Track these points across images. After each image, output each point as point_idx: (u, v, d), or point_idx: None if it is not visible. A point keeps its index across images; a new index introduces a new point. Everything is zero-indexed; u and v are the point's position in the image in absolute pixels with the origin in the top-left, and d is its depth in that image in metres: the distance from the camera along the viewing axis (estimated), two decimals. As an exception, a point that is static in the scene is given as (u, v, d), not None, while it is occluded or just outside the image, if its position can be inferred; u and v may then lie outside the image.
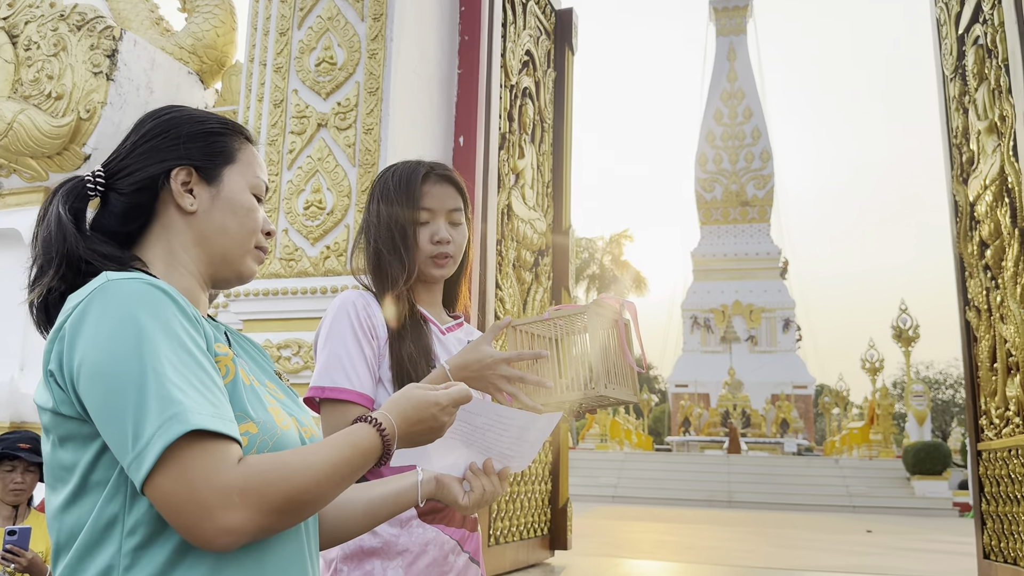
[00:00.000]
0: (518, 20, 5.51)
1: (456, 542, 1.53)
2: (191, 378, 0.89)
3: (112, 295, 0.92)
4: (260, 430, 0.98)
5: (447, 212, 1.62)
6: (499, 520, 4.84)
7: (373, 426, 1.01)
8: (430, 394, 1.07)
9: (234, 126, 1.16)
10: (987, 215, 4.69)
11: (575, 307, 1.51)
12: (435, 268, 1.61)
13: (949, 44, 5.29)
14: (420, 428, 1.06)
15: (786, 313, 41.20)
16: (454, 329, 1.68)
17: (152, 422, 0.85)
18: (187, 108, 1.15)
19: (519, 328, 1.54)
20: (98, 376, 0.88)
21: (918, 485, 17.69)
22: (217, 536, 0.86)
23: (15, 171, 5.10)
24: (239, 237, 1.11)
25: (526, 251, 5.45)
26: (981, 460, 4.94)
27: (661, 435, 41.81)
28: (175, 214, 1.09)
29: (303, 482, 0.91)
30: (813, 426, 39.77)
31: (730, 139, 44.76)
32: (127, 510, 0.91)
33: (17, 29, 5.20)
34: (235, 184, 1.12)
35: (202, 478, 0.85)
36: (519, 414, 1.20)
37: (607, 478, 19.68)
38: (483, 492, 1.22)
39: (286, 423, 1.03)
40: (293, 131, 4.19)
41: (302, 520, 0.95)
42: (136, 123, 1.13)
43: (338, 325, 1.53)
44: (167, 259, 1.09)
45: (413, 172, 1.63)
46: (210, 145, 1.11)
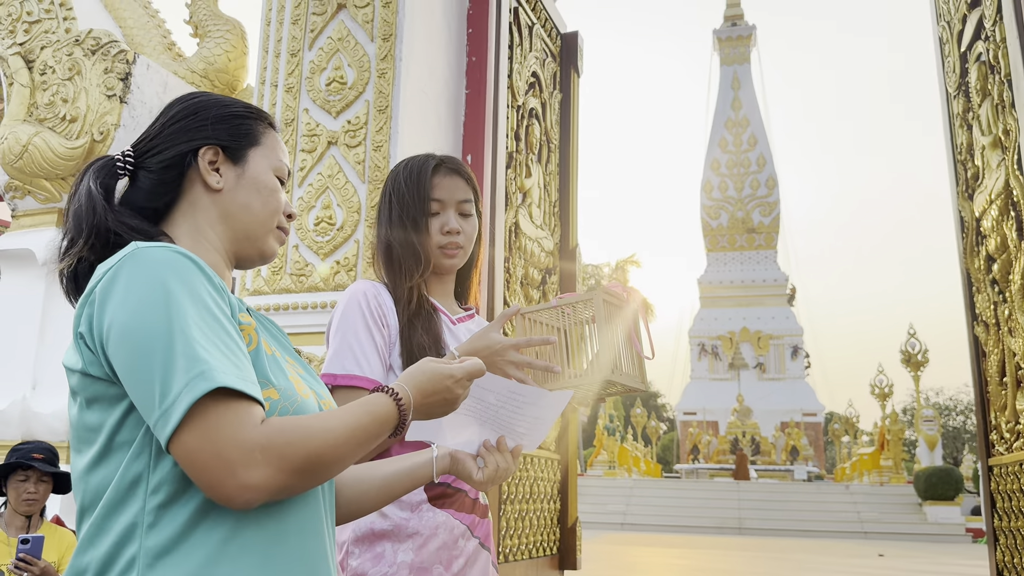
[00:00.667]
0: (524, 42, 5.59)
1: (466, 527, 1.55)
2: (216, 341, 0.93)
3: (141, 261, 0.95)
4: (281, 396, 1.01)
5: (457, 203, 1.66)
6: (508, 538, 4.83)
7: (390, 396, 1.04)
8: (445, 367, 1.10)
9: (258, 112, 1.21)
10: (993, 229, 4.71)
11: (582, 294, 1.54)
12: (445, 258, 1.65)
13: (952, 62, 5.34)
14: (435, 400, 1.09)
15: (794, 340, 41.10)
16: (465, 320, 1.71)
17: (179, 380, 0.88)
18: (213, 94, 1.20)
19: (527, 316, 1.57)
20: (127, 336, 0.91)
21: (930, 511, 17.53)
22: (239, 492, 0.88)
23: (30, 192, 5.17)
24: (262, 216, 1.16)
25: (533, 269, 5.49)
26: (992, 476, 4.92)
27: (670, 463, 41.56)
28: (201, 191, 1.13)
29: (322, 444, 0.94)
30: (823, 454, 39.50)
31: (735, 167, 44.96)
32: (151, 469, 0.93)
33: (33, 54, 5.30)
34: (259, 165, 1.16)
35: (227, 435, 0.88)
36: (530, 390, 1.23)
37: (616, 505, 19.55)
38: (496, 468, 1.25)
39: (306, 392, 1.06)
40: (304, 149, 4.25)
41: (320, 482, 0.97)
42: (165, 107, 1.18)
43: (349, 313, 1.56)
44: (193, 235, 1.13)
45: (423, 165, 1.67)
46: (236, 127, 1.16)
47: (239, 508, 0.91)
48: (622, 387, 1.52)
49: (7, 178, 5.16)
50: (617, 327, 1.55)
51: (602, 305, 1.50)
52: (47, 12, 5.39)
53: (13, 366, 4.86)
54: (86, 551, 0.95)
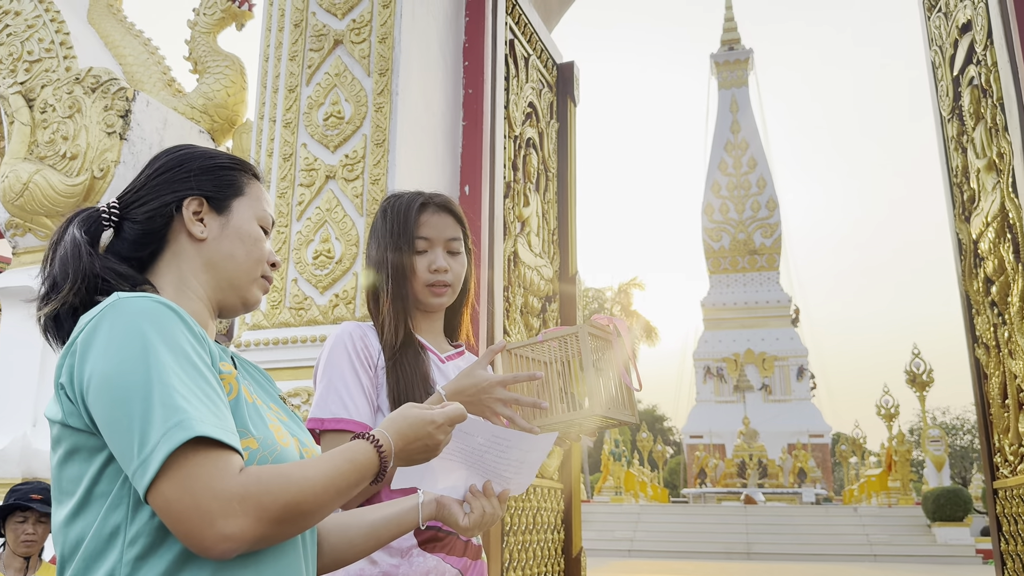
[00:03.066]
0: (520, 74, 5.64)
1: (458, 571, 1.54)
2: (196, 389, 0.93)
3: (122, 311, 0.96)
4: (261, 446, 1.01)
5: (445, 241, 1.66)
6: (512, 571, 4.79)
7: (370, 443, 1.04)
8: (426, 413, 1.10)
9: (243, 163, 1.23)
10: (991, 252, 4.72)
11: (568, 329, 1.54)
12: (433, 297, 1.65)
13: (945, 86, 5.38)
14: (416, 446, 1.09)
15: (799, 361, 40.97)
16: (454, 358, 1.71)
17: (157, 429, 0.88)
18: (199, 146, 1.22)
19: (513, 351, 1.57)
20: (106, 386, 0.92)
21: (939, 532, 17.38)
22: (217, 542, 0.89)
23: (30, 230, 5.20)
24: (246, 265, 1.17)
25: (533, 297, 5.50)
26: (998, 499, 4.88)
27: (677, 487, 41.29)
28: (186, 241, 1.15)
29: (301, 492, 0.94)
30: (831, 475, 39.24)
31: (736, 189, 45.08)
32: (129, 521, 0.94)
33: (34, 93, 5.35)
34: (243, 215, 1.18)
35: (204, 485, 0.88)
36: (515, 434, 1.23)
37: (623, 531, 19.41)
38: (483, 513, 1.24)
39: (286, 440, 1.07)
40: (302, 183, 4.28)
41: (300, 531, 0.97)
42: (151, 159, 1.20)
43: (335, 356, 1.56)
44: (177, 284, 1.14)
45: (411, 202, 1.68)
46: (220, 178, 1.18)
47: (217, 558, 0.91)
48: (611, 420, 1.52)
49: (8, 216, 5.19)
50: (604, 360, 1.55)
51: (588, 339, 1.50)
52: (47, 51, 5.45)
53: (14, 404, 4.86)
54: None
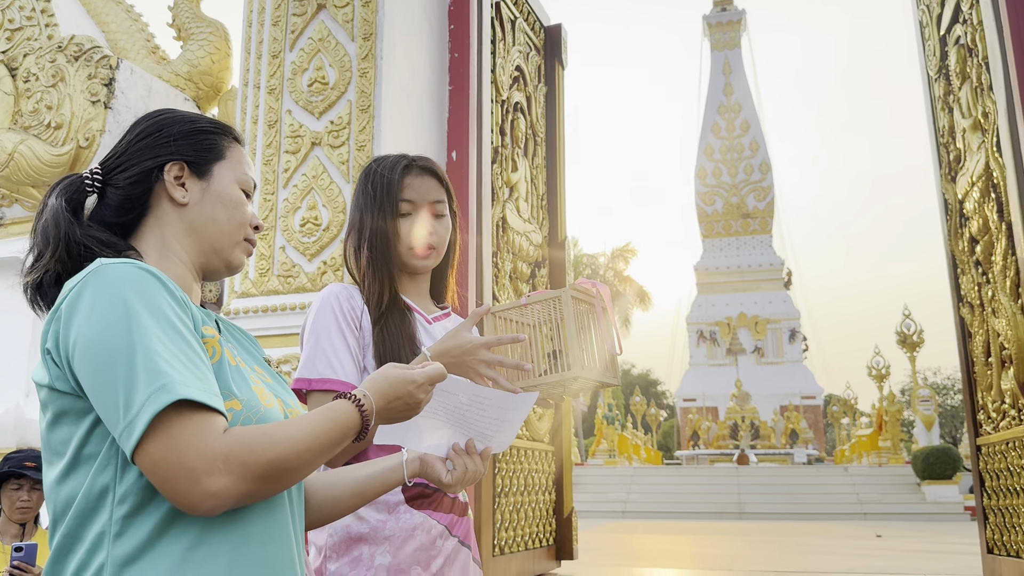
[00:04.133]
0: (507, 37, 5.60)
1: (444, 527, 1.57)
2: (179, 353, 0.96)
3: (105, 278, 0.98)
4: (244, 407, 1.04)
5: (429, 204, 1.67)
6: (503, 531, 4.87)
7: (352, 402, 1.07)
8: (406, 372, 1.13)
9: (223, 127, 1.23)
10: (975, 211, 4.74)
11: (551, 292, 1.56)
12: (418, 259, 1.66)
13: (932, 45, 5.37)
14: (397, 404, 1.12)
15: (791, 323, 41.17)
16: (441, 319, 1.72)
17: (142, 392, 0.91)
18: (179, 110, 1.22)
19: (498, 314, 1.59)
20: (91, 352, 0.94)
21: (928, 490, 17.62)
22: (203, 500, 0.91)
23: (17, 200, 5.18)
24: (228, 228, 1.18)
25: (522, 263, 5.51)
26: (981, 455, 4.96)
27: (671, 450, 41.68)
28: (168, 206, 1.16)
29: (284, 451, 0.97)
30: (823, 436, 39.62)
31: (728, 152, 44.94)
32: (117, 481, 0.96)
33: (16, 62, 5.30)
34: (224, 179, 1.19)
35: (189, 445, 0.91)
36: (495, 393, 1.26)
37: (616, 493, 19.63)
38: (465, 471, 1.27)
39: (270, 401, 1.09)
40: (288, 150, 4.27)
41: (284, 488, 1.00)
42: (132, 124, 1.21)
43: (322, 317, 1.58)
44: (160, 248, 1.15)
45: (395, 164, 1.68)
46: (201, 142, 1.19)
47: (204, 515, 0.94)
48: (593, 382, 1.54)
49: (-6, 187, 5.17)
50: (587, 323, 1.57)
51: (571, 302, 1.52)
52: (28, 19, 5.39)
53: (6, 374, 4.88)
54: (58, 561, 0.98)
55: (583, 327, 1.56)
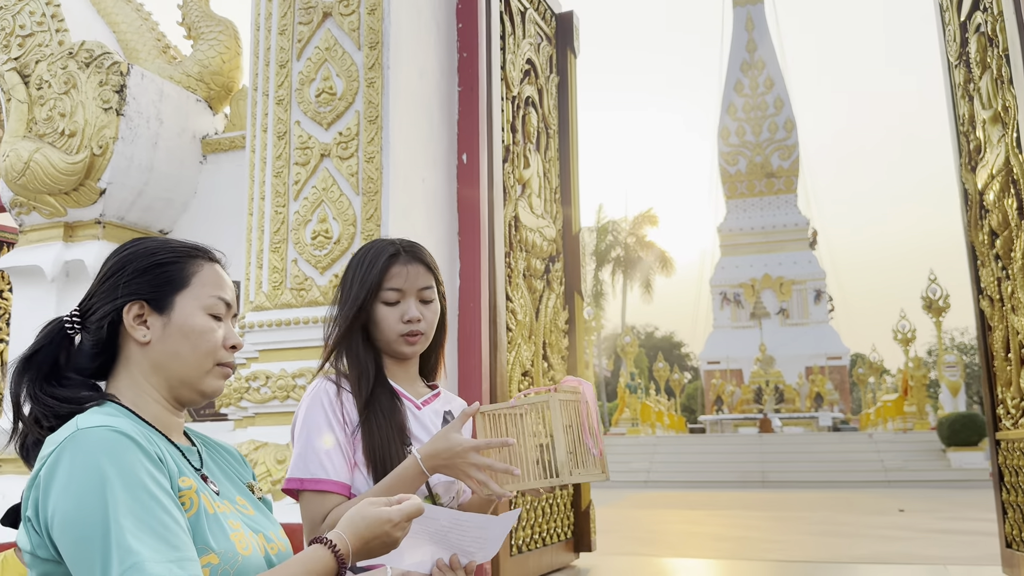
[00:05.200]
0: (517, 30, 5.54)
1: None
2: (152, 523, 0.98)
3: (80, 445, 1.01)
4: (221, 560, 1.06)
5: (417, 291, 1.68)
6: (521, 529, 4.92)
7: (327, 547, 1.09)
8: (383, 511, 1.14)
9: (191, 250, 1.23)
10: (995, 205, 4.66)
11: (540, 397, 1.57)
12: (406, 346, 1.67)
13: (952, 31, 5.24)
14: (375, 544, 1.14)
15: (817, 284, 40.83)
16: (430, 401, 1.74)
17: (115, 571, 0.93)
18: (146, 241, 1.22)
19: (487, 414, 1.60)
20: (68, 526, 0.97)
21: (954, 457, 17.55)
22: None
23: (35, 208, 5.23)
24: (193, 359, 1.19)
25: (536, 259, 5.50)
26: (1000, 450, 4.93)
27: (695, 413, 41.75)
28: (133, 346, 1.18)
29: None
30: (849, 397, 39.49)
31: (752, 110, 44.27)
32: None
33: (28, 69, 5.32)
34: (186, 309, 1.19)
35: None
36: (475, 517, 1.27)
37: (639, 463, 19.75)
38: None
39: (247, 547, 1.11)
40: (297, 162, 4.27)
41: None
42: (105, 260, 1.21)
43: (312, 414, 1.60)
44: (133, 389, 1.17)
45: (377, 257, 1.69)
46: (158, 276, 1.19)
47: None
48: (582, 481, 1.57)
49: (12, 195, 5.23)
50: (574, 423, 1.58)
51: (559, 406, 1.53)
52: (39, 25, 5.40)
53: (30, 383, 4.96)
54: None
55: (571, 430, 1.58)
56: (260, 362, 4.14)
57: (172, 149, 5.29)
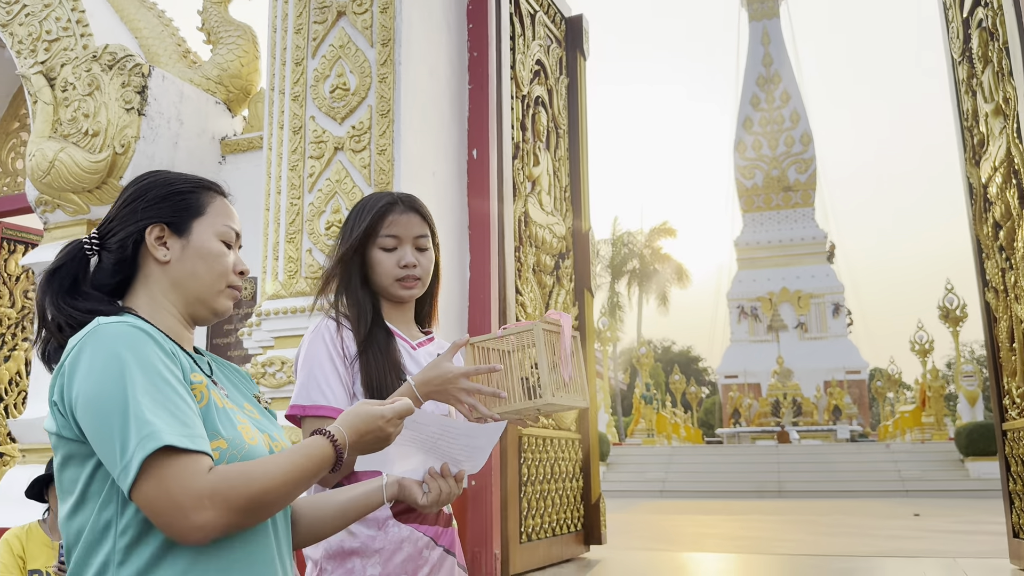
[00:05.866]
0: (527, 32, 5.67)
1: (430, 538, 1.70)
2: (166, 403, 1.09)
3: (102, 337, 1.12)
4: (229, 446, 1.17)
5: (413, 238, 1.80)
6: (530, 518, 5.00)
7: (326, 437, 1.20)
8: (376, 409, 1.25)
9: (204, 183, 1.36)
10: (998, 196, 4.73)
11: (525, 324, 1.67)
12: (403, 290, 1.79)
13: (955, 28, 5.32)
14: (369, 438, 1.24)
15: (835, 298, 40.66)
16: (425, 344, 1.85)
17: (133, 440, 1.04)
18: (163, 173, 1.35)
19: (476, 345, 1.70)
20: (91, 404, 1.08)
21: (972, 466, 17.42)
22: (191, 532, 1.05)
23: (59, 206, 5.40)
24: (209, 280, 1.31)
25: (546, 255, 5.60)
26: (1007, 440, 4.97)
27: (712, 427, 41.57)
28: (153, 265, 1.29)
29: (263, 486, 1.10)
30: (868, 411, 39.20)
31: (768, 124, 44.28)
32: (119, 515, 1.11)
33: (54, 72, 5.50)
34: (203, 234, 1.31)
35: (176, 485, 1.04)
36: (463, 424, 1.37)
37: (654, 473, 19.71)
38: (440, 492, 1.40)
39: (254, 438, 1.22)
40: (312, 156, 4.40)
41: (265, 519, 1.13)
42: (122, 189, 1.33)
43: (314, 348, 1.72)
44: (151, 304, 1.29)
45: (375, 205, 1.81)
46: (178, 203, 1.31)
47: (194, 545, 1.08)
48: (564, 406, 1.66)
49: (37, 193, 5.39)
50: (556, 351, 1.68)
51: (542, 334, 1.63)
52: (64, 30, 5.58)
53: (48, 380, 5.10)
54: None
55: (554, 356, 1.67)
56: (276, 348, 4.26)
57: (192, 149, 5.44)
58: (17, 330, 7.09)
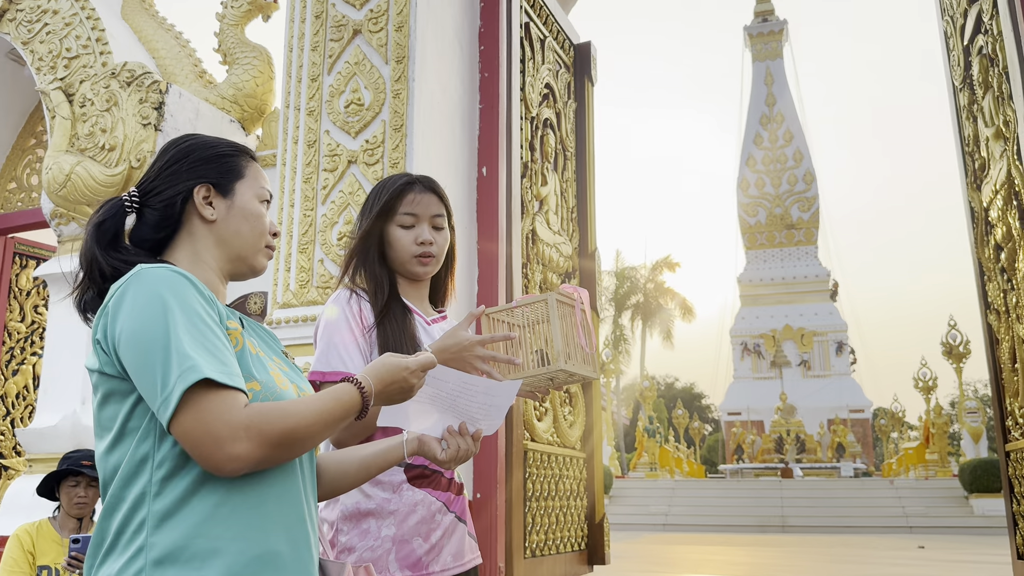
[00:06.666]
0: (536, 56, 5.79)
1: (442, 503, 1.75)
2: (205, 342, 1.15)
3: (144, 280, 1.18)
4: (263, 388, 1.23)
5: (430, 217, 1.87)
6: (534, 534, 5.01)
7: (354, 384, 1.25)
8: (401, 360, 1.31)
9: (241, 147, 1.43)
10: (999, 219, 4.79)
11: (539, 296, 1.74)
12: (419, 266, 1.86)
13: (956, 56, 5.43)
14: (393, 388, 1.30)
15: (838, 336, 40.64)
16: (439, 321, 1.92)
17: (174, 373, 1.10)
18: (201, 136, 1.42)
19: (492, 316, 1.77)
20: (133, 341, 1.14)
21: (976, 503, 17.31)
22: (227, 462, 1.10)
23: (73, 219, 5.48)
24: (251, 238, 1.38)
25: (552, 273, 5.67)
26: (1010, 461, 4.99)
27: (716, 464, 41.31)
28: (198, 223, 1.36)
29: (296, 422, 1.15)
30: (872, 451, 38.95)
31: (772, 163, 44.61)
32: (156, 449, 1.16)
33: (73, 88, 5.63)
34: (246, 195, 1.38)
35: (215, 417, 1.10)
36: (481, 380, 1.43)
37: (657, 506, 19.59)
38: (458, 449, 1.45)
39: (285, 385, 1.28)
40: (326, 168, 4.50)
41: (295, 455, 1.19)
42: (160, 150, 1.40)
43: (333, 318, 1.79)
44: (192, 259, 1.35)
45: (395, 184, 1.88)
46: (223, 165, 1.38)
47: (228, 476, 1.13)
48: (576, 374, 1.71)
49: (52, 206, 5.48)
50: (569, 323, 1.74)
51: (555, 304, 1.69)
52: (84, 48, 5.71)
53: (63, 383, 5.16)
54: (107, 518, 1.18)
55: (566, 327, 1.73)
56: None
57: (206, 164, 5.53)
58: (26, 344, 7.14)
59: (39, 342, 7.09)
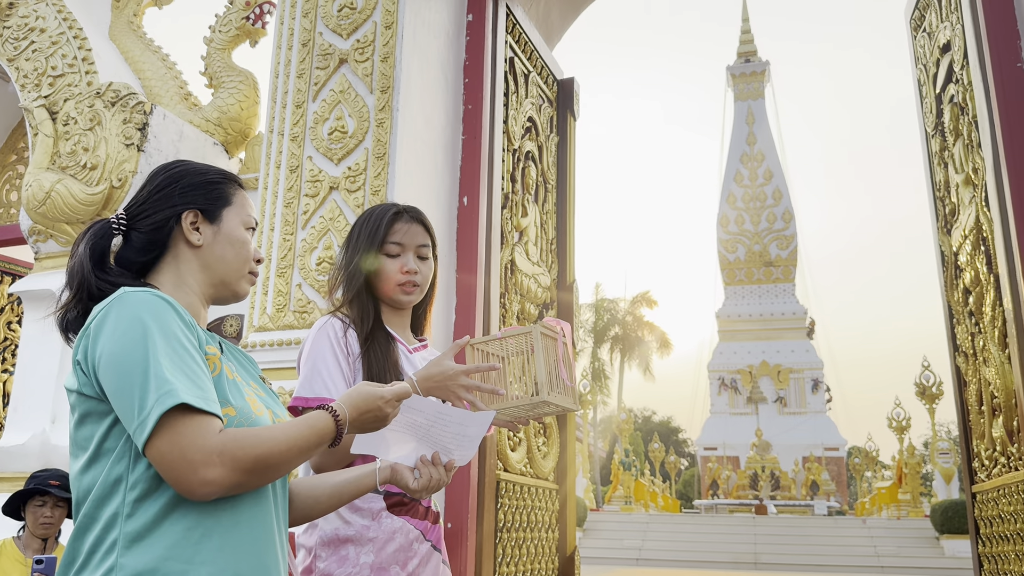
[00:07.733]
0: (520, 90, 5.87)
1: (419, 532, 1.77)
2: (183, 367, 1.17)
3: (126, 303, 1.20)
4: (238, 414, 1.25)
5: (416, 247, 1.90)
6: (505, 565, 4.99)
7: (329, 412, 1.28)
8: (376, 389, 1.34)
9: (229, 175, 1.46)
10: (968, 263, 4.89)
11: (523, 328, 1.77)
12: (403, 295, 1.89)
13: (929, 103, 5.57)
14: (368, 417, 1.32)
15: (814, 373, 40.89)
16: (420, 350, 1.94)
17: (152, 396, 1.12)
18: (191, 162, 1.45)
19: (476, 346, 1.80)
20: (113, 363, 1.16)
21: (947, 544, 17.39)
22: (200, 487, 1.12)
23: (52, 236, 5.47)
24: (236, 264, 1.41)
25: (530, 304, 5.71)
26: (976, 502, 5.04)
27: (691, 499, 41.25)
28: (184, 247, 1.38)
29: (269, 449, 1.18)
30: (846, 489, 39.06)
31: (751, 200, 45.09)
32: (130, 470, 1.18)
33: (57, 106, 5.64)
34: (232, 222, 1.41)
35: (189, 441, 1.12)
36: (456, 411, 1.46)
37: (631, 540, 19.52)
38: (430, 479, 1.47)
39: (261, 410, 1.30)
40: (307, 194, 4.53)
41: (268, 481, 1.21)
42: (150, 175, 1.43)
43: (318, 344, 1.80)
44: (176, 282, 1.37)
45: (383, 214, 1.92)
46: (211, 192, 1.41)
47: (200, 500, 1.15)
48: (556, 406, 1.74)
49: (31, 223, 5.47)
50: (552, 356, 1.77)
51: (540, 337, 1.73)
52: (70, 67, 5.74)
53: (33, 401, 5.12)
54: (79, 537, 1.19)
55: (549, 359, 1.76)
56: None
57: (188, 185, 5.55)
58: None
59: (11, 359, 7.02)
